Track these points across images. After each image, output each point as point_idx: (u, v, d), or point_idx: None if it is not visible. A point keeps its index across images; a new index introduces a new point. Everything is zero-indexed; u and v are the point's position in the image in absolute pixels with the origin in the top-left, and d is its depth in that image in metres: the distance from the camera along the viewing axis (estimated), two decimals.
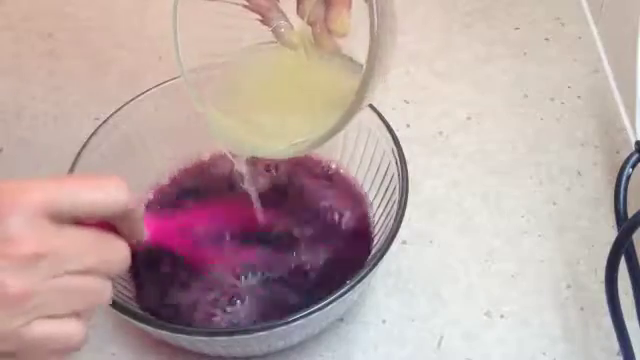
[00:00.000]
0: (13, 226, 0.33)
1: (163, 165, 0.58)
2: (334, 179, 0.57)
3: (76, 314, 0.35)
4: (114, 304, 0.45)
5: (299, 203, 0.55)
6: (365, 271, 0.45)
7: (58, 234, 0.34)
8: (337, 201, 0.55)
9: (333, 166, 0.58)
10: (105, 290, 0.37)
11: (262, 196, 0.53)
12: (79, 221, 0.35)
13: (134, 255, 0.38)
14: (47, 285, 0.34)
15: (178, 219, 0.46)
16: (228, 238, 0.52)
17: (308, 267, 0.52)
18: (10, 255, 0.33)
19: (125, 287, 0.50)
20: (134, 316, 0.45)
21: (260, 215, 0.53)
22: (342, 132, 0.55)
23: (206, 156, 0.59)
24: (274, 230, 0.53)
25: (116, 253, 0.37)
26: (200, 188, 0.57)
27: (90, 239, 0.35)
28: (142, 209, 0.39)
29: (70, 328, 0.35)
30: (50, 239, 0.34)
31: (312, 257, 0.52)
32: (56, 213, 0.34)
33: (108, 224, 0.37)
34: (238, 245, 0.52)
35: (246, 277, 0.51)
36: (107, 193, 0.36)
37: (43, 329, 0.34)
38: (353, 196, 0.56)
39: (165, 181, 0.58)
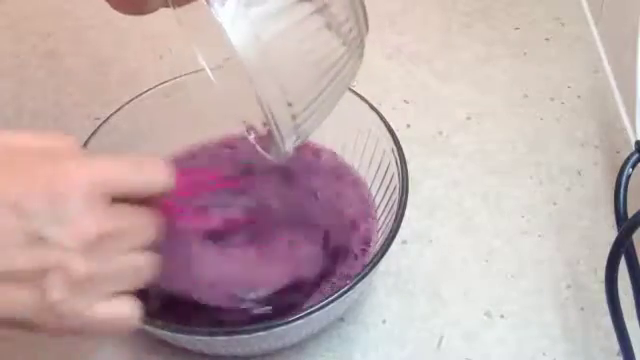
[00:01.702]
0: (72, 208, 0.34)
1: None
2: (333, 179, 0.57)
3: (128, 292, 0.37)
4: None
5: (299, 202, 0.55)
6: (365, 271, 0.45)
7: (114, 214, 0.35)
8: (337, 201, 0.55)
9: (332, 166, 0.58)
10: (150, 265, 0.38)
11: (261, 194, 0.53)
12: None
13: None
14: (109, 265, 0.35)
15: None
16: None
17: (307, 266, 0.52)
18: (74, 236, 0.34)
19: None
20: None
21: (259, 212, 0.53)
22: (342, 133, 0.56)
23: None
24: (270, 228, 0.53)
25: (152, 225, 0.38)
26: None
27: (136, 216, 0.37)
28: None
29: (127, 308, 0.37)
30: (109, 219, 0.35)
31: (311, 256, 0.52)
32: (110, 191, 0.35)
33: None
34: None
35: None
36: (156, 174, 0.37)
37: (105, 310, 0.36)
38: (353, 196, 0.56)
39: None
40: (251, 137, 0.50)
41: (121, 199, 0.36)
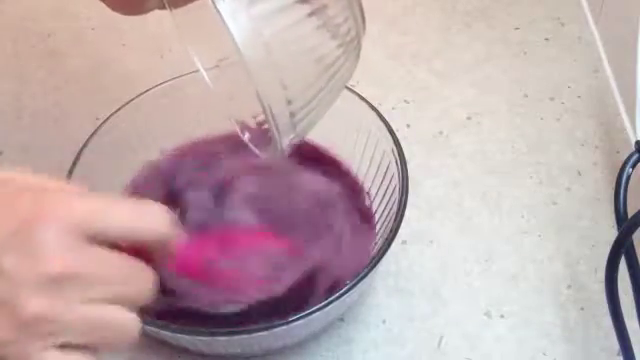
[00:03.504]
0: (44, 240, 0.31)
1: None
2: (334, 179, 0.57)
3: (95, 349, 0.33)
4: None
5: (298, 202, 0.55)
6: (365, 271, 0.45)
7: (89, 255, 0.32)
8: (337, 201, 0.55)
9: (332, 166, 0.58)
10: (131, 325, 0.34)
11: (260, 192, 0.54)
12: (112, 244, 0.33)
13: None
14: (69, 310, 0.31)
15: (204, 249, 0.45)
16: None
17: (307, 267, 0.52)
18: (35, 272, 0.30)
19: None
20: None
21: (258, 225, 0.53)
22: (342, 133, 0.56)
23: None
24: (273, 230, 0.53)
25: (145, 283, 0.34)
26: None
27: (120, 265, 0.33)
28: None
29: None
30: (80, 260, 0.31)
31: (311, 257, 0.52)
32: (92, 233, 0.32)
33: (140, 249, 0.35)
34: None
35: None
36: (149, 221, 0.34)
37: None
38: (353, 195, 0.56)
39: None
40: (245, 137, 0.50)
41: (125, 249, 0.33)
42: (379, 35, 0.73)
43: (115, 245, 0.33)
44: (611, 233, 0.53)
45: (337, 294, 0.44)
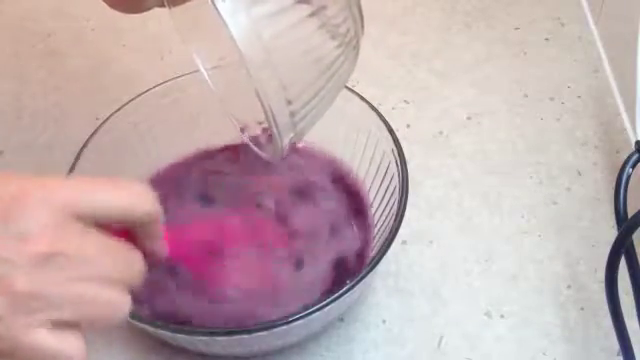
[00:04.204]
0: (32, 221, 0.31)
1: (164, 165, 0.58)
2: (334, 179, 0.57)
3: (80, 327, 0.33)
4: None
5: (298, 202, 0.55)
6: (365, 271, 0.45)
7: (77, 235, 0.33)
8: (337, 201, 0.55)
9: (333, 166, 0.58)
10: (121, 304, 0.34)
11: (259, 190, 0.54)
12: (101, 228, 0.34)
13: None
14: (59, 288, 0.32)
15: (193, 233, 0.45)
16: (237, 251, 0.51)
17: (308, 267, 0.52)
18: (23, 251, 0.31)
19: None
20: (134, 316, 0.45)
21: (261, 220, 0.53)
22: (342, 133, 0.56)
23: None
24: (273, 230, 0.53)
25: (132, 264, 0.35)
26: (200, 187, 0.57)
27: (108, 245, 0.34)
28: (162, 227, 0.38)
29: (71, 347, 0.33)
30: (68, 239, 0.32)
31: (312, 257, 0.52)
32: (80, 213, 0.33)
33: (129, 237, 0.36)
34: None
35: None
36: (133, 198, 0.35)
37: (44, 339, 0.32)
38: (353, 196, 0.56)
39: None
40: (245, 136, 0.50)
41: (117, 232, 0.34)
42: (379, 35, 0.73)
43: (103, 229, 0.34)
44: (611, 233, 0.53)
45: (337, 294, 0.44)
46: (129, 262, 0.35)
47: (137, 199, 0.35)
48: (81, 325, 0.33)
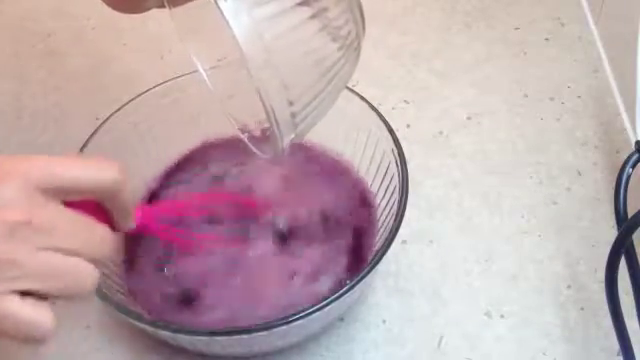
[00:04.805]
0: (3, 195, 0.33)
1: (163, 165, 0.58)
2: (334, 179, 0.57)
3: (48, 300, 0.35)
4: (115, 305, 0.45)
5: (299, 202, 0.55)
6: (365, 271, 0.45)
7: (47, 207, 0.34)
8: (337, 201, 0.55)
9: (333, 166, 0.58)
10: (89, 276, 0.36)
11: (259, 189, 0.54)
12: (69, 202, 0.36)
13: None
14: (30, 256, 0.33)
15: (166, 206, 0.47)
16: (219, 226, 0.53)
17: (307, 266, 0.52)
18: None
19: (121, 286, 0.50)
20: (134, 316, 0.45)
21: (256, 204, 0.54)
22: (342, 133, 0.56)
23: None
24: (271, 229, 0.53)
25: (100, 238, 0.37)
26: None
27: (76, 219, 0.36)
28: (132, 197, 0.39)
29: (44, 317, 0.34)
30: (39, 210, 0.34)
31: (312, 257, 0.52)
32: (49, 186, 0.34)
33: (98, 210, 0.37)
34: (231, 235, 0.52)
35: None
36: (100, 168, 0.36)
37: (18, 307, 0.33)
38: (353, 196, 0.56)
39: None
40: (244, 136, 0.50)
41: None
42: (379, 35, 0.73)
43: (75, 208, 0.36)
44: (611, 233, 0.53)
45: (337, 294, 0.44)
46: (96, 235, 0.37)
47: (103, 168, 0.37)
48: (49, 297, 0.35)
